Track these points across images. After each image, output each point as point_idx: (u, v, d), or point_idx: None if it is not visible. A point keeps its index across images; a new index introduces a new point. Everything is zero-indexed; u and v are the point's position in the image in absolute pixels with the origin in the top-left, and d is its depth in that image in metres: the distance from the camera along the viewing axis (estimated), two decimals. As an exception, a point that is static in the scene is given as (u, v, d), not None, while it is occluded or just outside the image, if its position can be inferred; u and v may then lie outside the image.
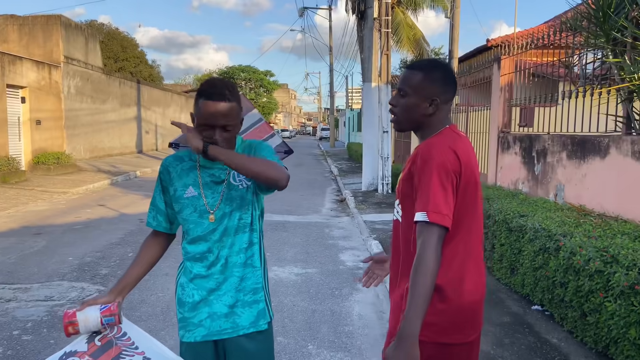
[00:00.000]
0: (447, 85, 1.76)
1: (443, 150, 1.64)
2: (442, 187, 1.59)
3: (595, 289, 3.31)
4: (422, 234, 1.56)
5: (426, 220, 1.55)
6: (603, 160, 4.61)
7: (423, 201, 1.58)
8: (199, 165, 1.90)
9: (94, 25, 33.51)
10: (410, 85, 1.75)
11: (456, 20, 11.55)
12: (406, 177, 1.74)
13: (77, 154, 17.49)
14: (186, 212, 1.88)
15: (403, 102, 1.77)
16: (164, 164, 1.94)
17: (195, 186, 1.88)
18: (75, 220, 8.78)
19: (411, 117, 1.78)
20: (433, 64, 1.79)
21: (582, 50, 5.07)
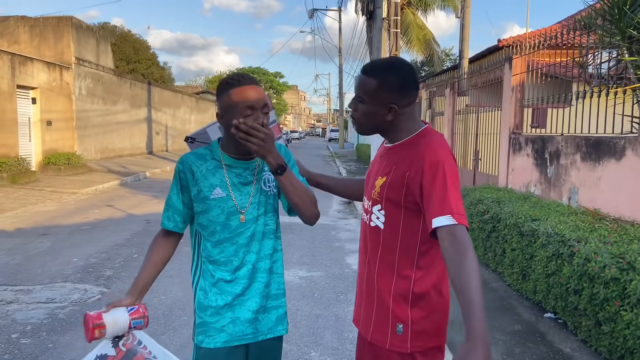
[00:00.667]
0: (405, 91, 1.65)
1: (447, 153, 1.59)
2: (456, 189, 1.54)
3: (611, 297, 3.16)
4: (454, 236, 1.44)
5: (454, 223, 1.45)
6: (619, 162, 4.45)
7: (443, 205, 1.49)
8: (224, 165, 1.84)
9: (106, 27, 33.71)
10: (365, 92, 1.66)
11: (466, 20, 11.39)
12: (393, 182, 1.63)
13: (88, 155, 17.56)
14: (213, 213, 1.81)
15: (361, 108, 1.69)
16: (185, 163, 1.83)
17: (223, 187, 1.82)
18: (83, 221, 8.75)
19: (371, 124, 1.71)
20: (388, 68, 1.67)
21: (597, 49, 4.91)
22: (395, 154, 1.68)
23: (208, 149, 1.88)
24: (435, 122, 11.99)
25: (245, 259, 1.83)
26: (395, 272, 1.67)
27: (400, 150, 1.68)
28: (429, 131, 1.70)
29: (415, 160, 1.58)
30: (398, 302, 1.66)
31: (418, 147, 1.61)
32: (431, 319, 1.67)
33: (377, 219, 1.71)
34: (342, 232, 8.04)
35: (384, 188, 1.66)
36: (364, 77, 1.67)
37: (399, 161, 1.64)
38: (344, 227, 8.43)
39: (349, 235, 7.77)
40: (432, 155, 1.55)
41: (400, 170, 1.62)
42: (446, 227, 1.46)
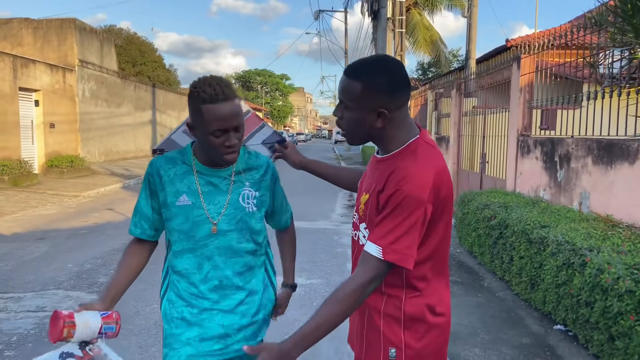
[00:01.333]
0: (394, 92, 1.46)
1: (421, 182, 1.39)
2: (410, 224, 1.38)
3: (625, 310, 2.95)
4: (363, 265, 1.40)
5: (379, 257, 1.37)
6: (632, 166, 4.23)
7: (382, 234, 1.39)
8: (195, 171, 1.72)
9: (112, 30, 33.73)
10: (350, 98, 1.47)
11: (473, 19, 11.18)
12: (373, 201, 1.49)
13: (92, 157, 17.49)
14: (176, 221, 1.70)
15: (347, 115, 1.50)
16: (153, 166, 1.73)
17: (191, 194, 1.70)
18: (82, 225, 8.62)
19: (360, 132, 1.52)
20: (373, 67, 1.47)
21: (609, 48, 4.70)
22: (382, 169, 1.51)
23: (180, 152, 1.77)
24: (442, 124, 11.77)
25: (209, 273, 1.73)
26: (384, 292, 1.52)
27: (385, 165, 1.51)
28: (417, 145, 1.49)
29: (389, 181, 1.42)
30: (389, 323, 1.52)
31: (396, 167, 1.43)
32: (427, 341, 1.52)
33: (363, 237, 1.57)
34: (345, 237, 7.84)
35: (367, 206, 1.52)
36: (346, 80, 1.48)
37: (379, 179, 1.48)
38: (347, 232, 8.22)
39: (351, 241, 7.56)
40: (403, 180, 1.38)
41: (377, 189, 1.47)
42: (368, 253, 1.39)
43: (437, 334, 1.54)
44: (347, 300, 1.37)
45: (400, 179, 1.39)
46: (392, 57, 1.56)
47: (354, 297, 1.38)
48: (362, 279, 1.38)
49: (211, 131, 1.58)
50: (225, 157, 1.64)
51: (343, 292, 1.38)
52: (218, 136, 1.59)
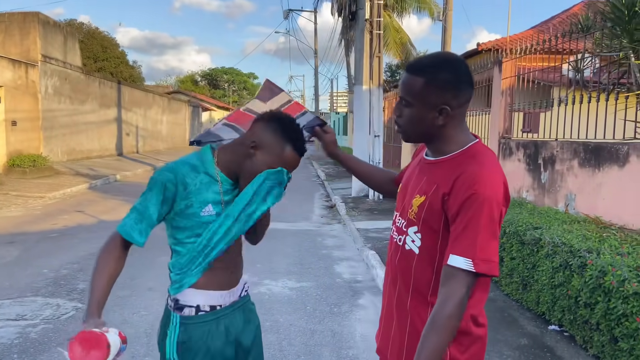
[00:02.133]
0: (459, 88, 1.42)
1: (495, 185, 1.36)
2: (491, 231, 1.34)
3: (631, 312, 3.01)
4: (454, 281, 1.33)
5: (471, 269, 1.31)
6: (622, 168, 4.34)
7: (468, 245, 1.32)
8: (220, 182, 1.70)
9: (73, 24, 32.66)
10: (411, 94, 1.43)
11: (449, 23, 11.32)
12: (433, 205, 1.43)
13: (55, 157, 16.84)
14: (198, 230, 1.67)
15: (407, 112, 1.47)
16: (178, 174, 1.63)
17: (215, 204, 1.67)
18: (52, 228, 8.27)
19: (419, 130, 1.48)
20: (438, 63, 1.44)
21: (595, 53, 4.81)
22: (438, 171, 1.47)
23: (199, 159, 1.70)
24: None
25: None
26: (430, 302, 1.47)
27: (445, 167, 1.45)
28: (480, 149, 1.46)
29: (458, 184, 1.37)
30: None
31: (464, 169, 1.38)
32: (471, 353, 1.48)
33: (412, 242, 1.51)
34: (328, 238, 7.79)
35: (422, 209, 1.46)
36: (408, 76, 1.44)
37: (441, 181, 1.42)
38: (329, 233, 8.18)
39: (335, 242, 7.53)
40: (476, 184, 1.34)
41: (441, 192, 1.41)
42: (454, 268, 1.33)
43: (480, 346, 1.51)
44: (450, 324, 1.31)
45: (474, 182, 1.34)
46: (456, 55, 1.52)
47: (455, 319, 1.31)
48: (458, 297, 1.31)
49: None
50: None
51: (443, 317, 1.31)
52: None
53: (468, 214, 1.33)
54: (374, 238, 7.39)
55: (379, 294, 5.22)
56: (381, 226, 8.30)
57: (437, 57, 1.48)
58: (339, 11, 23.58)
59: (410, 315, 1.52)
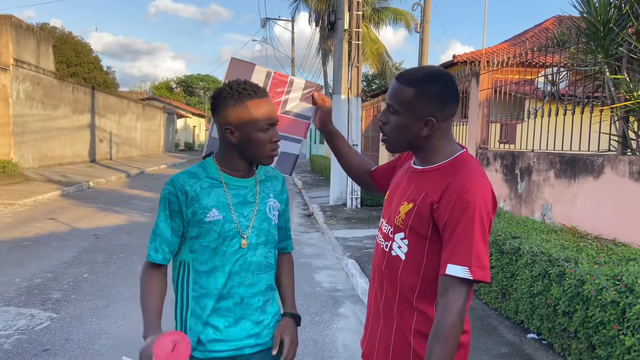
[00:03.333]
0: (445, 102, 1.48)
1: (484, 193, 1.40)
2: (483, 238, 1.38)
3: (608, 320, 3.08)
4: (452, 291, 1.35)
5: (468, 277, 1.33)
6: (597, 180, 4.46)
7: (463, 253, 1.35)
8: (224, 183, 1.66)
9: (45, 28, 32.06)
10: (400, 102, 1.48)
11: (426, 34, 11.50)
12: (421, 212, 1.46)
13: (25, 163, 16.44)
14: (209, 238, 1.61)
15: (393, 120, 1.51)
16: (177, 183, 1.62)
17: (221, 208, 1.62)
18: (23, 236, 8.05)
19: (403, 139, 1.52)
20: (428, 75, 1.49)
21: (571, 67, 4.95)
22: (426, 179, 1.50)
23: (200, 166, 1.68)
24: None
25: (232, 290, 1.65)
26: (416, 308, 1.51)
27: (433, 176, 1.49)
28: (467, 159, 1.51)
29: (447, 193, 1.40)
30: (419, 340, 1.50)
31: (453, 178, 1.42)
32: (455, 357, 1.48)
33: (398, 248, 1.53)
34: (306, 247, 7.78)
35: (410, 216, 1.49)
36: (399, 86, 1.49)
37: (429, 189, 1.46)
38: (308, 242, 8.17)
39: (313, 251, 7.52)
40: (467, 192, 1.37)
41: (429, 199, 1.44)
42: (451, 278, 1.35)
43: (463, 353, 1.54)
44: (453, 332, 1.33)
45: (465, 190, 1.37)
46: (445, 70, 1.56)
47: (458, 327, 1.33)
48: (458, 306, 1.34)
49: (260, 126, 1.58)
50: (272, 153, 1.63)
51: (446, 327, 1.33)
52: (266, 131, 1.59)
53: (461, 223, 1.36)
54: (353, 247, 7.41)
55: (359, 302, 5.22)
56: (360, 235, 8.33)
57: (429, 70, 1.52)
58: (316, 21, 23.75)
59: (397, 321, 1.54)
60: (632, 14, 3.71)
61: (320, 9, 22.01)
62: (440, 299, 1.38)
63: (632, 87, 3.79)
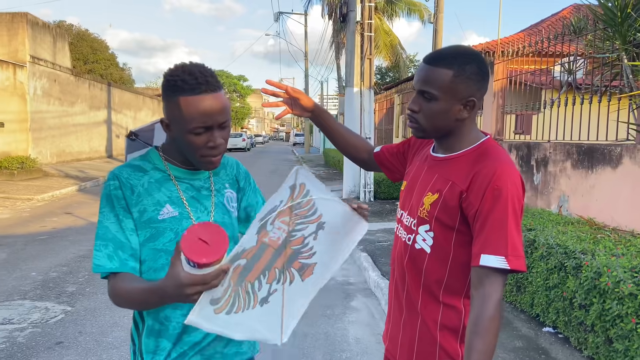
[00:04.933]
0: (483, 80, 1.41)
1: (515, 179, 1.34)
2: (517, 226, 1.32)
3: (626, 313, 3.00)
4: (489, 282, 1.29)
5: (505, 267, 1.27)
6: (615, 170, 4.35)
7: (498, 243, 1.29)
8: (172, 176, 1.44)
9: (62, 25, 32.39)
10: (438, 86, 1.38)
11: (439, 25, 11.35)
12: (448, 202, 1.40)
13: (43, 159, 16.66)
14: (163, 240, 1.39)
15: (430, 107, 1.41)
16: (120, 177, 1.39)
17: (175, 203, 1.41)
18: (40, 230, 8.16)
19: (441, 125, 1.43)
20: (464, 56, 1.39)
21: (588, 54, 4.82)
22: (451, 168, 1.43)
23: (145, 158, 1.46)
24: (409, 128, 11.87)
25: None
26: (442, 302, 1.44)
27: (458, 163, 1.43)
28: (493, 145, 1.44)
29: (477, 181, 1.34)
30: (446, 335, 1.45)
31: (482, 165, 1.36)
32: None
33: (423, 241, 1.46)
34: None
35: (436, 207, 1.42)
36: (432, 69, 1.39)
37: (455, 178, 1.40)
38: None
39: (326, 244, 7.48)
40: (498, 180, 1.31)
41: (457, 189, 1.38)
42: (487, 269, 1.29)
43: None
44: (493, 325, 1.27)
45: (496, 178, 1.31)
46: (472, 48, 1.50)
47: (497, 320, 1.27)
48: (496, 297, 1.28)
49: (191, 128, 1.32)
50: (207, 159, 1.38)
51: (485, 320, 1.27)
52: (200, 134, 1.33)
53: (494, 211, 1.30)
54: (366, 240, 7.35)
55: (371, 296, 5.18)
56: (372, 228, 8.27)
57: (460, 49, 1.43)
58: (329, 14, 23.65)
59: (422, 315, 1.49)
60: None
61: (333, 2, 21.88)
62: (475, 291, 1.32)
63: (652, 74, 3.68)
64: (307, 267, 1.32)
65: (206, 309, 1.17)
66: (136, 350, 1.45)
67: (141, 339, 1.44)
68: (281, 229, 1.28)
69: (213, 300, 1.18)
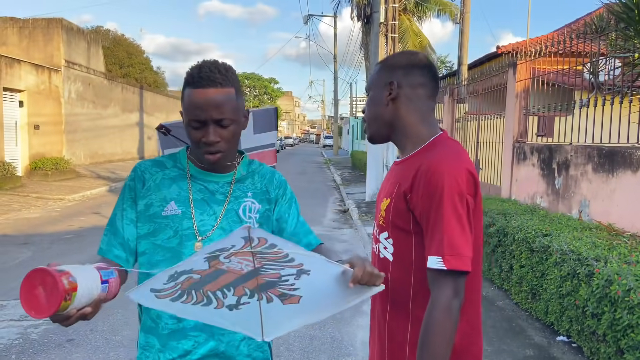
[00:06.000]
0: (409, 68, 1.41)
1: (455, 172, 1.25)
2: (458, 222, 1.23)
3: (636, 323, 2.87)
4: (435, 286, 1.23)
5: (442, 267, 1.21)
6: (635, 174, 4.18)
7: (436, 242, 1.23)
8: (189, 175, 1.46)
9: (99, 31, 33.31)
10: (370, 82, 1.50)
11: (466, 25, 11.17)
12: (397, 205, 1.34)
13: (77, 160, 17.17)
14: (162, 236, 1.39)
15: (367, 102, 1.50)
16: (137, 170, 1.46)
17: (181, 202, 1.41)
18: (67, 229, 8.39)
19: (377, 116, 1.45)
20: (395, 54, 1.53)
21: (610, 54, 4.65)
22: (402, 170, 1.39)
23: (172, 156, 1.51)
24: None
25: None
26: (410, 315, 1.34)
27: (407, 164, 1.37)
28: (441, 140, 1.37)
29: (416, 178, 1.29)
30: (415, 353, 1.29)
31: (422, 160, 1.31)
32: None
33: (384, 249, 1.40)
34: (337, 243, 7.72)
35: (389, 212, 1.37)
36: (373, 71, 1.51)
37: (402, 179, 1.35)
38: (340, 238, 8.11)
39: (344, 247, 7.45)
40: (433, 175, 1.25)
41: (402, 190, 1.33)
42: (432, 271, 1.23)
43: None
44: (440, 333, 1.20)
45: (429, 173, 1.25)
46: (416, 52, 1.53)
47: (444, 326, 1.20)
48: (442, 301, 1.21)
49: (187, 121, 1.36)
50: (205, 156, 1.39)
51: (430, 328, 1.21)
52: (196, 128, 1.35)
53: (432, 210, 1.25)
54: (385, 243, 7.29)
55: (384, 300, 5.13)
56: (393, 231, 8.19)
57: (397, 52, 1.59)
58: (358, 16, 23.57)
59: (389, 330, 1.40)
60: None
61: (361, 3, 21.81)
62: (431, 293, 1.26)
63: (673, 73, 3.51)
64: (290, 297, 1.26)
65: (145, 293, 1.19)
66: (137, 343, 1.50)
67: (139, 333, 1.48)
68: (243, 263, 1.20)
69: (153, 290, 1.19)
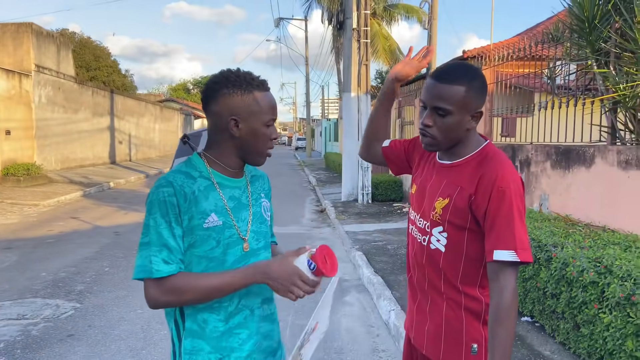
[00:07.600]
0: (485, 92, 1.58)
1: (516, 179, 1.51)
2: (522, 222, 1.48)
3: (589, 300, 3.28)
4: (503, 275, 1.45)
5: (516, 260, 1.43)
6: (588, 170, 4.63)
7: (508, 239, 1.45)
8: (216, 184, 1.51)
9: (65, 34, 32.81)
10: (453, 102, 1.50)
11: (433, 30, 11.65)
12: (457, 204, 1.56)
13: (48, 165, 17.00)
14: (205, 247, 1.45)
15: (444, 122, 1.53)
16: (176, 184, 1.43)
17: (219, 212, 1.47)
18: (48, 234, 8.47)
19: (454, 136, 1.56)
20: (470, 72, 1.54)
21: (565, 61, 5.12)
22: (458, 173, 1.60)
23: (189, 165, 1.52)
24: (405, 132, 12.18)
25: (240, 302, 1.50)
26: (463, 293, 1.62)
27: (464, 169, 1.59)
28: (494, 149, 1.60)
29: (483, 183, 1.51)
30: (470, 320, 1.62)
31: (485, 168, 1.53)
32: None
33: (437, 241, 1.63)
34: (317, 241, 8.04)
35: (447, 211, 1.58)
36: (445, 87, 1.51)
37: (464, 182, 1.56)
38: (318, 236, 8.43)
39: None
40: (501, 181, 1.48)
41: (466, 193, 1.54)
42: (500, 263, 1.44)
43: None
44: (511, 314, 1.42)
45: (500, 179, 1.47)
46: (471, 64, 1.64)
47: (514, 308, 1.43)
48: (511, 288, 1.43)
49: (266, 121, 1.49)
50: (268, 153, 1.55)
51: (503, 309, 1.43)
52: (269, 126, 1.51)
53: (501, 210, 1.46)
54: (362, 240, 7.64)
55: (364, 291, 5.47)
56: (369, 229, 8.56)
57: (465, 66, 1.57)
58: (329, 19, 23.99)
59: (447, 301, 1.64)
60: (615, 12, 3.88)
61: (333, 8, 22.22)
62: (492, 284, 1.47)
63: (618, 80, 3.96)
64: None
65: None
66: (176, 350, 1.51)
67: (181, 340, 1.49)
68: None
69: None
